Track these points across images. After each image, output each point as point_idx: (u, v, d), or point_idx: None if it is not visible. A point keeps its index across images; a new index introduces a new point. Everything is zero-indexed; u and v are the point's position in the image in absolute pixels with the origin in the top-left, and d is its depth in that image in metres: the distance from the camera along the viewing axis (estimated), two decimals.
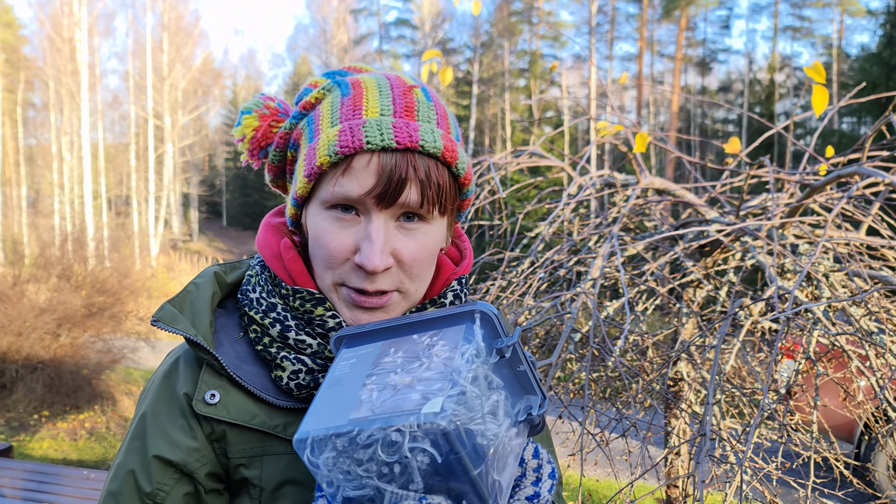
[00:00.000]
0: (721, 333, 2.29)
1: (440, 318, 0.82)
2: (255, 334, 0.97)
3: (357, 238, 0.89)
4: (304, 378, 0.93)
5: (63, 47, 28.95)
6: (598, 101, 5.92)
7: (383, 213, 0.89)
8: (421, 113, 0.92)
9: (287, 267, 0.97)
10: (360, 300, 0.91)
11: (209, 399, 0.91)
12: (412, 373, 0.74)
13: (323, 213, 0.91)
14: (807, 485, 2.34)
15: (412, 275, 0.93)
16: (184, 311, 0.96)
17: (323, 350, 0.94)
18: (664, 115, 38.36)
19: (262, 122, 1.01)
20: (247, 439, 0.92)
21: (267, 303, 0.96)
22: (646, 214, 3.31)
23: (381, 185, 0.86)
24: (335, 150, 0.87)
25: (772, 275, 2.24)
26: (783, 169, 2.84)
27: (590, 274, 2.58)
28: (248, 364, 0.96)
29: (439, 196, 0.91)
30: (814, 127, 20.87)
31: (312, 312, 0.94)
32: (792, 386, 2.54)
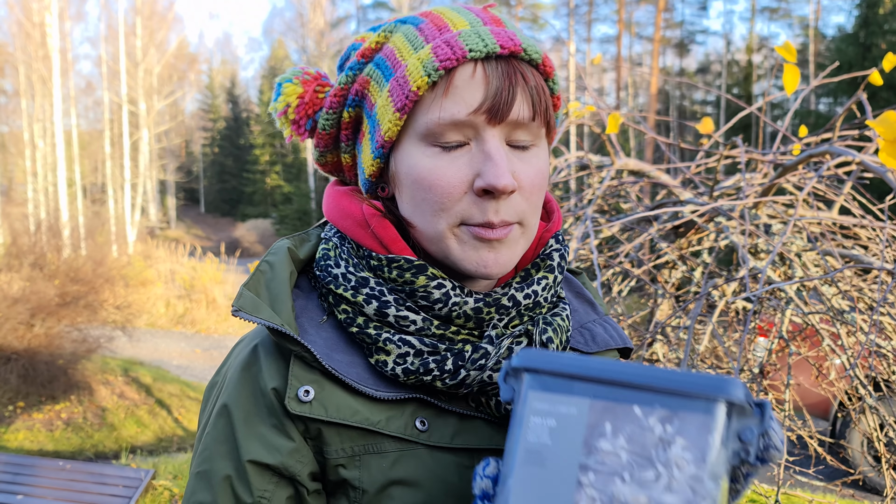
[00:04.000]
0: (695, 313, 2.29)
1: (668, 388, 0.60)
2: (346, 315, 0.85)
3: (473, 165, 0.79)
4: (413, 362, 0.81)
5: (33, 32, 28.44)
6: (576, 82, 5.93)
7: (497, 132, 0.79)
8: (509, 24, 0.84)
9: (377, 234, 0.85)
10: (485, 233, 0.80)
11: (303, 396, 0.79)
12: (647, 488, 0.57)
13: (424, 150, 0.80)
14: (780, 462, 2.36)
15: (532, 203, 0.83)
16: (261, 296, 0.84)
17: (429, 326, 0.83)
18: (643, 97, 38.48)
19: (307, 87, 0.91)
20: (346, 437, 0.81)
21: (356, 277, 0.84)
22: (621, 196, 3.30)
23: (491, 96, 0.77)
24: (434, 66, 0.77)
25: (745, 255, 2.24)
26: (758, 149, 2.84)
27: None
28: (339, 352, 0.84)
29: (547, 109, 0.82)
30: (792, 107, 21.13)
31: (414, 283, 0.82)
32: (765, 365, 2.55)
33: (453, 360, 0.81)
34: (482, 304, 0.83)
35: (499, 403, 0.85)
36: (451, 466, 0.82)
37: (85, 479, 4.80)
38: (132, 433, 8.35)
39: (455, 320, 0.83)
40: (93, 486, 4.66)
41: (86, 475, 4.87)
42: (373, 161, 0.85)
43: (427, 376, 0.81)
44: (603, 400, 0.60)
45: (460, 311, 0.82)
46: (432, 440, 0.82)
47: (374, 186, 0.88)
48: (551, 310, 0.91)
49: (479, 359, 0.82)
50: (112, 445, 7.91)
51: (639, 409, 0.59)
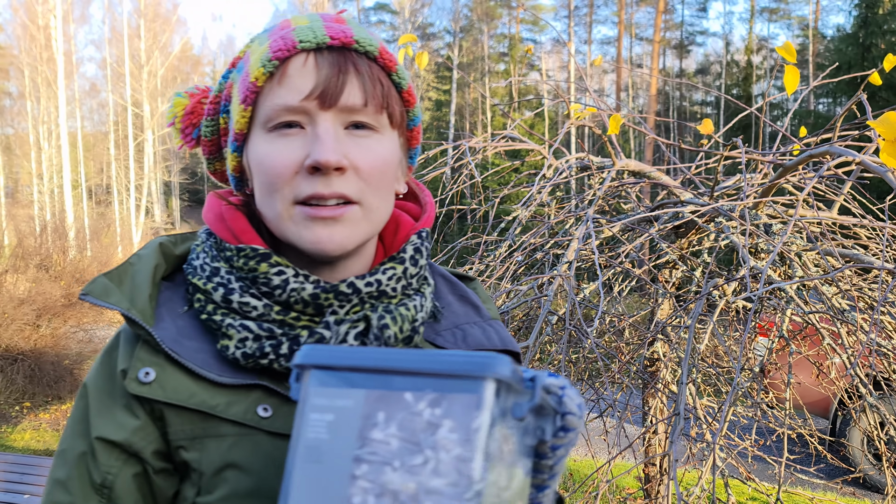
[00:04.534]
0: (695, 313, 2.32)
1: (437, 370, 0.60)
2: (200, 303, 0.89)
3: (305, 146, 0.83)
4: (251, 346, 0.85)
5: (38, 35, 28.51)
6: (576, 84, 5.92)
7: (329, 116, 0.84)
8: (352, 23, 0.90)
9: (229, 225, 0.90)
10: (316, 211, 0.84)
11: (143, 377, 0.83)
12: (415, 474, 0.58)
13: (265, 136, 0.85)
14: (781, 461, 2.38)
15: (371, 185, 0.86)
16: (122, 285, 0.88)
17: (269, 312, 0.86)
18: (643, 98, 38.44)
19: (192, 99, 0.97)
20: (186, 420, 0.84)
21: (210, 267, 0.89)
22: (622, 197, 3.33)
23: (320, 83, 0.83)
24: (268, 57, 0.83)
25: (745, 255, 2.27)
26: (758, 149, 2.87)
27: (566, 256, 2.60)
28: (191, 339, 0.87)
29: (384, 98, 0.87)
30: (791, 108, 21.10)
31: (256, 270, 0.86)
32: (766, 364, 2.58)
33: (288, 344, 0.85)
34: (320, 290, 0.86)
35: None
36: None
37: None
38: None
39: (294, 306, 0.86)
40: None
41: None
42: (231, 155, 0.91)
43: (263, 360, 0.84)
44: (377, 389, 0.61)
45: (298, 297, 0.86)
46: (274, 427, 0.84)
47: (240, 182, 0.94)
48: (402, 301, 0.92)
49: (314, 343, 0.85)
50: None
51: (410, 395, 0.59)
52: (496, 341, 1.02)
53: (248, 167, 0.90)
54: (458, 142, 3.23)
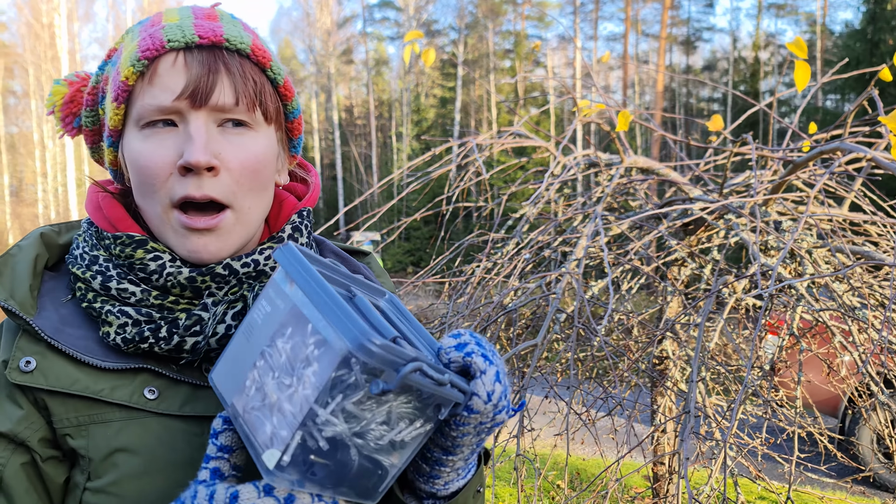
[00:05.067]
0: (705, 311, 2.30)
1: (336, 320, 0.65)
2: (80, 291, 0.90)
3: (178, 146, 0.84)
4: (130, 331, 0.86)
5: (42, 33, 28.58)
6: (583, 81, 5.91)
7: (201, 115, 0.84)
8: (224, 18, 0.90)
9: (106, 214, 0.92)
10: (190, 220, 0.85)
11: (24, 367, 0.83)
12: (281, 391, 0.68)
13: (138, 134, 0.85)
14: (791, 459, 2.36)
15: (243, 186, 0.87)
16: (3, 276, 0.89)
17: (148, 297, 0.87)
18: (649, 95, 38.37)
19: (72, 87, 0.96)
20: (70, 408, 0.84)
21: (90, 256, 0.90)
22: (630, 194, 3.30)
23: (191, 83, 0.83)
24: (137, 56, 0.83)
25: (755, 252, 2.24)
26: (766, 146, 2.84)
27: (574, 254, 2.58)
28: (74, 327, 0.88)
29: (256, 95, 0.87)
30: (799, 104, 21.01)
31: (133, 256, 0.88)
32: (776, 362, 2.56)
33: (167, 327, 0.86)
34: (196, 273, 0.87)
35: None
36: (179, 433, 0.86)
37: None
38: None
39: (172, 290, 0.87)
40: None
41: None
42: (108, 150, 0.92)
43: (143, 344, 0.85)
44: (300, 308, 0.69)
45: (175, 281, 0.86)
46: (161, 408, 0.85)
47: (118, 175, 0.95)
48: None
49: (193, 325, 0.86)
50: None
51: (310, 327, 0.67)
52: None
53: (123, 163, 0.90)
54: (465, 139, 3.21)
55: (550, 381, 2.81)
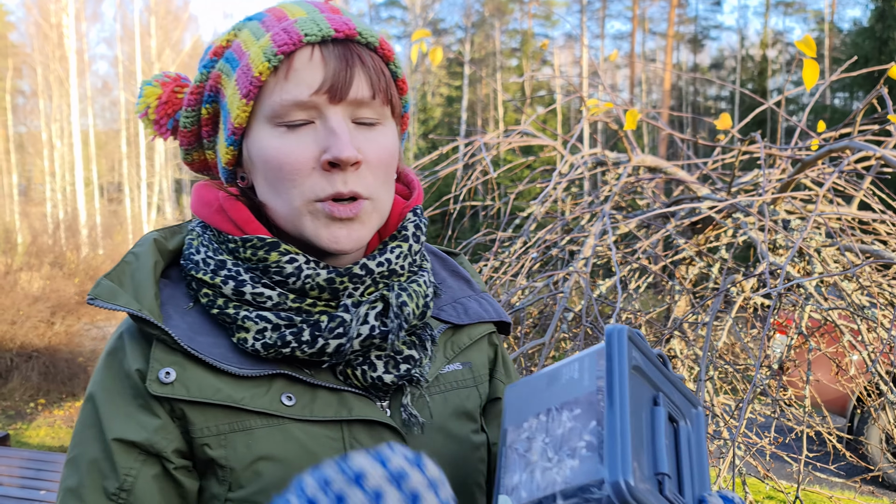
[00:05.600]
0: (713, 310, 2.29)
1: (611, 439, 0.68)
2: (208, 298, 0.87)
3: (319, 141, 0.83)
4: (271, 336, 0.84)
5: (50, 33, 28.68)
6: (589, 79, 5.94)
7: (339, 110, 0.83)
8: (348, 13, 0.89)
9: (231, 216, 0.89)
10: (335, 209, 0.83)
11: (164, 378, 0.81)
12: (542, 458, 0.72)
13: (271, 131, 0.84)
14: (800, 459, 2.36)
15: (379, 179, 0.87)
16: (124, 286, 0.86)
17: (285, 301, 0.86)
18: (656, 93, 38.28)
19: (165, 88, 0.94)
20: (210, 417, 0.82)
21: (215, 261, 0.87)
22: (638, 192, 3.30)
23: (330, 77, 0.82)
24: (273, 51, 0.81)
25: (763, 251, 2.24)
26: (775, 144, 2.83)
27: (582, 253, 2.58)
28: (204, 334, 0.86)
29: (387, 89, 0.87)
30: (807, 103, 20.95)
31: (267, 259, 0.85)
32: (784, 361, 2.55)
33: (310, 330, 0.84)
34: (334, 274, 0.86)
35: (365, 373, 0.88)
36: (318, 439, 0.85)
37: None
38: None
39: (310, 293, 0.86)
40: None
41: None
42: (227, 148, 0.89)
43: (286, 349, 0.84)
44: (595, 403, 0.71)
45: (313, 283, 0.85)
46: (299, 414, 0.84)
47: (233, 175, 0.92)
48: (410, 277, 0.94)
49: (336, 327, 0.84)
50: None
51: (593, 425, 0.70)
52: (492, 313, 1.07)
53: (249, 161, 0.88)
54: (472, 138, 3.21)
55: None
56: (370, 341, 0.86)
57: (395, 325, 0.87)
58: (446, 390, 0.98)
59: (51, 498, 4.44)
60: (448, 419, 0.96)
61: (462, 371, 1.01)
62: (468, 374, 1.02)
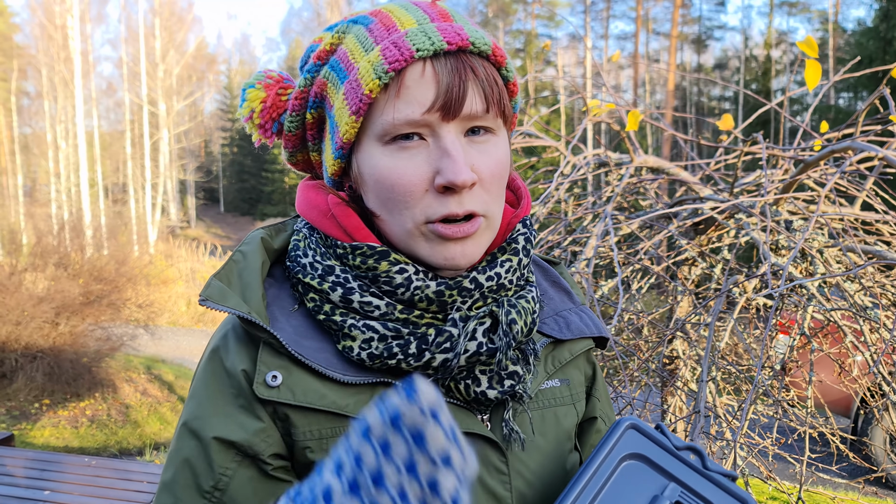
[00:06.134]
0: (715, 310, 2.29)
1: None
2: (314, 303, 0.86)
3: (432, 162, 0.80)
4: (378, 347, 0.83)
5: (55, 34, 28.76)
6: (593, 80, 5.86)
7: (452, 127, 0.81)
8: (457, 17, 0.86)
9: (341, 223, 0.87)
10: (450, 231, 0.81)
11: (271, 381, 0.81)
12: None
13: (382, 150, 0.81)
14: (803, 460, 2.35)
15: (493, 194, 0.85)
16: (232, 285, 0.86)
17: (393, 311, 0.84)
18: (660, 94, 38.24)
19: (269, 91, 0.93)
20: (314, 421, 0.82)
21: (323, 266, 0.87)
22: (640, 193, 3.30)
23: (442, 94, 0.79)
24: (384, 68, 0.79)
25: (766, 251, 2.24)
26: (777, 145, 2.83)
27: (584, 253, 2.58)
28: (309, 339, 0.85)
29: (501, 99, 0.84)
30: (810, 103, 20.95)
31: (376, 269, 0.84)
32: (787, 362, 2.55)
33: (417, 343, 0.83)
34: (444, 287, 0.84)
35: (468, 387, 0.87)
36: None
37: (110, 475, 4.86)
38: (155, 430, 8.44)
39: (418, 304, 0.84)
40: (118, 482, 4.73)
41: (111, 471, 4.94)
42: (334, 161, 0.87)
43: (392, 360, 0.83)
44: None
45: (422, 295, 0.84)
46: None
47: (339, 184, 0.91)
48: (518, 292, 0.91)
49: (444, 342, 0.83)
50: (136, 442, 8.00)
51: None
52: (593, 328, 1.04)
53: (358, 176, 0.86)
54: None
55: None
56: (476, 358, 0.84)
57: (504, 342, 0.85)
58: (545, 407, 0.96)
59: (55, 498, 4.46)
60: (547, 437, 0.95)
61: (561, 388, 0.99)
62: (566, 392, 1.00)
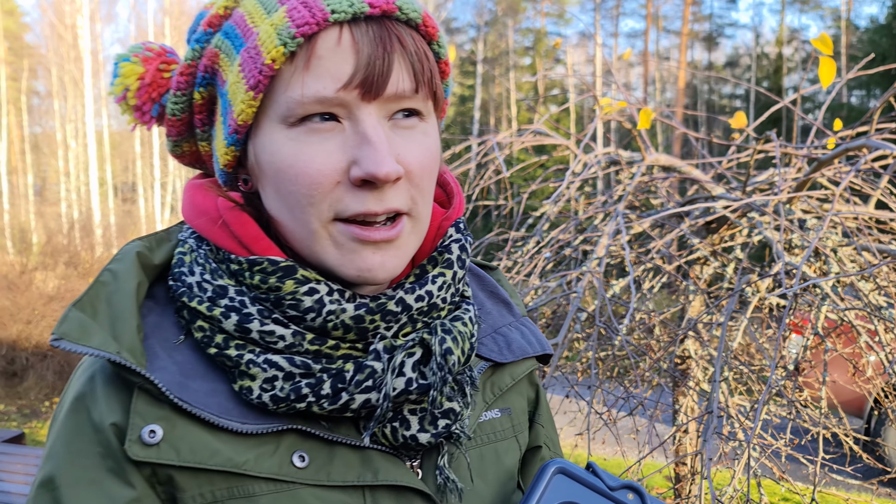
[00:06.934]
0: (728, 310, 2.27)
1: None
2: (203, 333, 0.71)
3: (347, 150, 0.67)
4: (283, 387, 0.68)
5: (65, 34, 28.90)
6: (603, 78, 5.85)
7: (373, 109, 0.67)
8: None
9: (235, 232, 0.72)
10: (367, 234, 0.68)
11: (148, 438, 0.65)
12: None
13: (287, 133, 0.67)
14: (816, 461, 2.33)
15: (422, 191, 0.71)
16: (98, 316, 0.69)
17: (301, 342, 0.69)
18: (671, 92, 38.11)
19: (148, 65, 0.76)
20: (205, 482, 0.67)
21: (213, 287, 0.71)
22: (652, 192, 3.28)
23: (362, 67, 0.65)
24: (290, 33, 0.64)
25: (779, 250, 2.22)
26: (790, 143, 2.81)
27: (595, 252, 2.56)
28: (198, 378, 0.69)
29: (433, 77, 0.70)
30: (823, 101, 20.84)
31: (280, 289, 0.69)
32: (800, 362, 2.52)
33: (332, 382, 0.69)
34: (364, 311, 0.70)
35: (395, 431, 0.73)
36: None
37: None
38: None
39: (332, 332, 0.70)
40: None
41: None
42: (227, 149, 0.72)
43: (300, 403, 0.68)
44: None
45: (337, 322, 0.69)
46: (315, 478, 0.69)
47: (233, 178, 0.75)
48: (452, 312, 0.78)
49: (365, 379, 0.69)
50: None
51: None
52: (536, 345, 0.91)
53: (255, 166, 0.72)
54: (485, 137, 3.20)
55: (571, 381, 2.80)
56: (405, 397, 0.71)
57: (438, 378, 0.71)
58: (484, 444, 0.83)
59: None
60: (487, 479, 0.82)
61: (501, 419, 0.86)
62: (507, 423, 0.87)
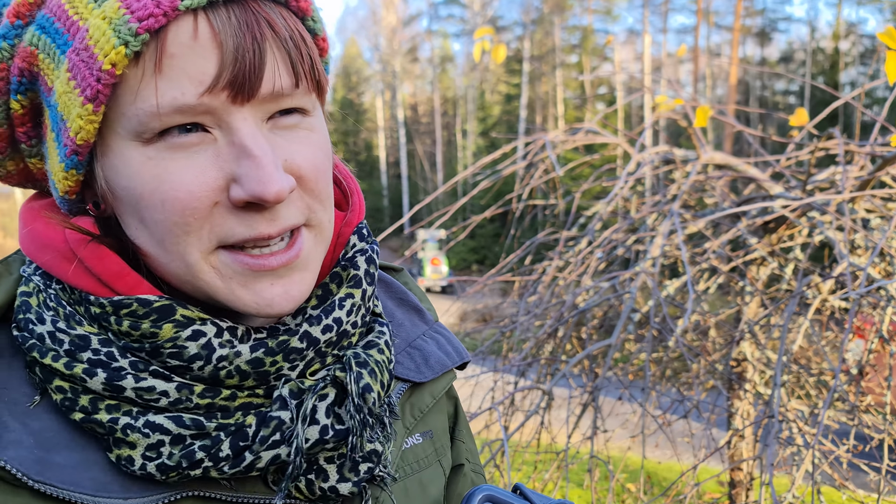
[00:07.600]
0: (788, 312, 2.22)
1: None
2: (63, 395, 0.57)
3: (222, 164, 0.55)
4: (171, 454, 0.56)
5: None
6: (652, 75, 5.72)
7: (248, 113, 0.55)
8: None
9: (92, 269, 0.58)
10: (261, 262, 0.57)
11: None
12: None
13: (142, 151, 0.54)
14: (880, 468, 2.26)
15: (319, 195, 0.60)
16: None
17: (189, 396, 0.57)
18: (721, 89, 37.41)
19: None
20: None
21: (70, 337, 0.58)
22: (705, 191, 3.22)
23: (229, 64, 0.53)
24: (131, 29, 0.51)
25: (842, 251, 2.15)
26: (852, 141, 2.73)
27: (649, 252, 2.52)
28: (62, 448, 0.56)
29: (314, 65, 0.59)
30: (882, 97, 20.22)
31: (157, 335, 0.56)
32: (864, 366, 2.45)
33: (231, 441, 0.57)
34: (263, 352, 0.59)
35: (311, 484, 0.62)
36: None
37: None
38: None
39: (226, 381, 0.58)
40: None
41: None
42: (65, 173, 0.58)
43: (195, 469, 0.57)
44: None
45: (231, 369, 0.58)
46: None
47: (77, 204, 0.62)
48: (364, 336, 0.69)
49: (271, 433, 0.58)
50: None
51: None
52: (454, 355, 0.81)
53: (108, 193, 0.58)
54: (535, 136, 3.19)
55: (624, 383, 2.76)
56: (321, 447, 0.60)
57: (357, 421, 0.61)
58: (407, 475, 0.74)
59: None
60: None
61: (423, 445, 0.77)
62: (430, 448, 0.78)
